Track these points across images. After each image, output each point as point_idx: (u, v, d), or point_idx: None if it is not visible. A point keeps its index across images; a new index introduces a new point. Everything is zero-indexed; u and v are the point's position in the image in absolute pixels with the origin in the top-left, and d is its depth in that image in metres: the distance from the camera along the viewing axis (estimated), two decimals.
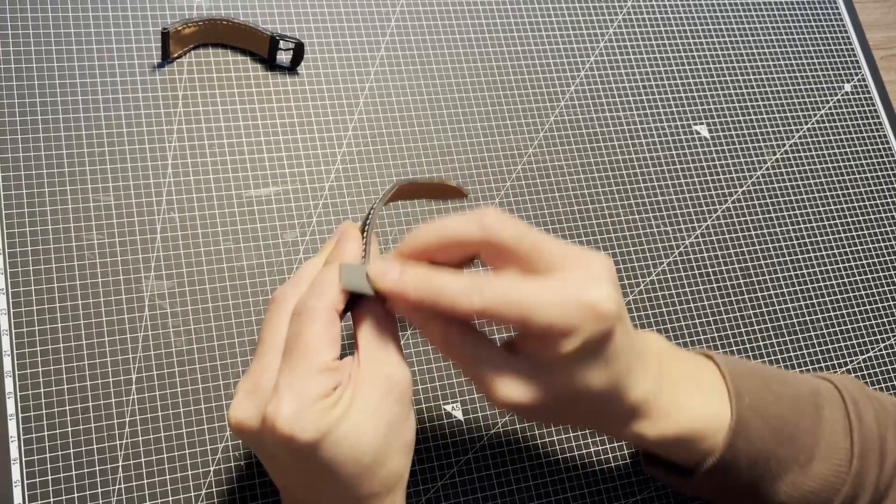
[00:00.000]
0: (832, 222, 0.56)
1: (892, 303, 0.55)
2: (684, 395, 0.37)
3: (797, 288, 0.53)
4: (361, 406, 0.31)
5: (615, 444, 0.46)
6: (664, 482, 0.42)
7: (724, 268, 0.52)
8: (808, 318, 0.53)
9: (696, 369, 0.38)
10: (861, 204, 0.57)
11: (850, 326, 0.53)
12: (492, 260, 0.33)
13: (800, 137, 0.58)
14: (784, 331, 0.52)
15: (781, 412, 0.37)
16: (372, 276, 0.32)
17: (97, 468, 0.39)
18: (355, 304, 0.33)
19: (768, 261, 0.54)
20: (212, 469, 0.40)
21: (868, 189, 0.58)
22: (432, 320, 0.33)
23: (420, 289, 0.31)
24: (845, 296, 0.54)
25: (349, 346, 0.44)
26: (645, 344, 0.36)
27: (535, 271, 0.32)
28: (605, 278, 0.32)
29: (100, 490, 0.39)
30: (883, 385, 0.52)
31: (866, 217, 0.57)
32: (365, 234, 0.34)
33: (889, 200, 0.58)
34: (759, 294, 0.52)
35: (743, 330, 0.51)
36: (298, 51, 0.48)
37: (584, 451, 0.45)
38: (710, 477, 0.37)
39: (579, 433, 0.46)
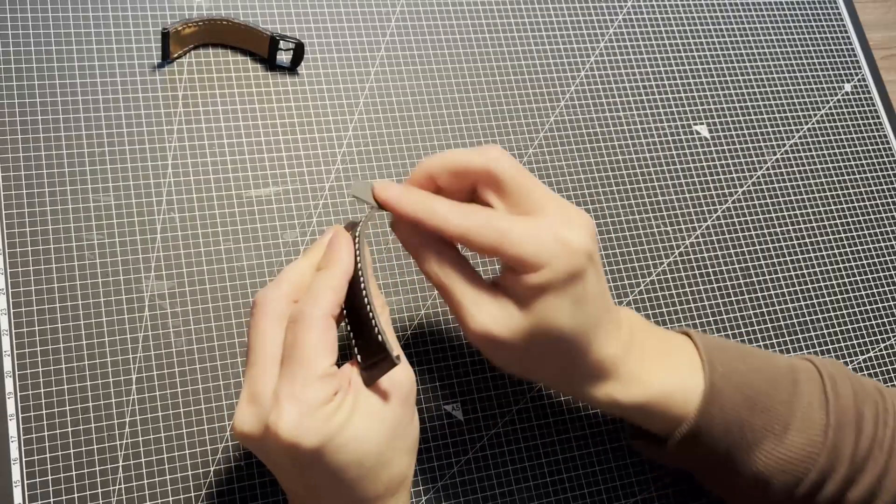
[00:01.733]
0: (832, 222, 0.56)
1: (892, 303, 0.55)
2: (656, 362, 0.38)
3: (797, 288, 0.53)
4: (364, 410, 0.31)
5: (616, 444, 0.46)
6: (646, 455, 0.43)
7: (724, 268, 0.52)
8: (808, 318, 0.53)
9: (670, 341, 0.40)
10: (861, 204, 0.57)
11: (850, 326, 0.53)
12: (486, 192, 0.35)
13: (800, 137, 0.58)
14: (784, 331, 0.52)
15: (755, 382, 0.38)
16: (377, 187, 0.35)
17: (97, 468, 0.39)
18: (355, 301, 0.33)
19: (768, 261, 0.54)
20: (212, 469, 0.40)
21: (868, 189, 0.58)
22: (428, 241, 0.35)
23: (416, 204, 0.34)
24: (845, 296, 0.54)
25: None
26: (618, 313, 0.37)
27: (523, 211, 0.34)
28: (584, 226, 0.34)
29: (100, 490, 0.39)
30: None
31: (866, 217, 0.57)
32: (357, 238, 0.34)
33: (889, 200, 0.58)
34: (759, 294, 0.52)
35: (743, 330, 0.51)
36: (298, 51, 0.48)
37: (584, 452, 0.45)
38: (686, 444, 0.38)
39: (578, 435, 0.46)
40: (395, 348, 0.33)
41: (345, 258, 0.34)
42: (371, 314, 0.32)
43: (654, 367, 0.38)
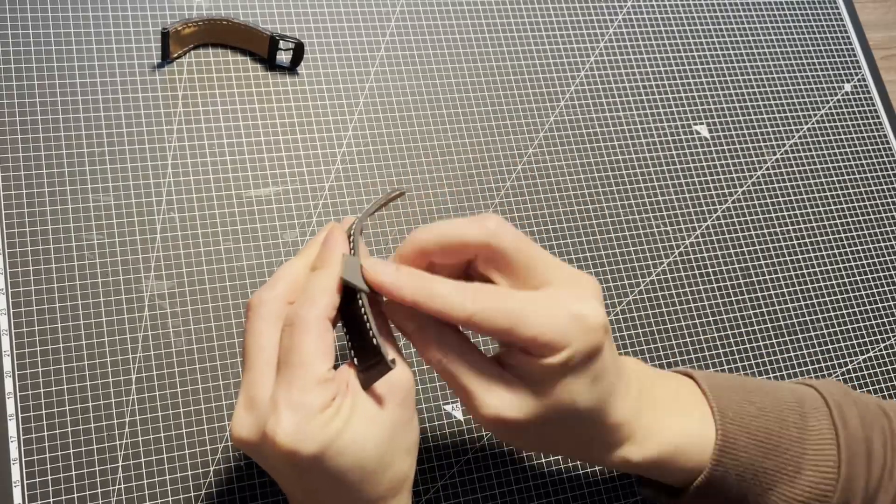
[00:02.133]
0: (832, 222, 0.56)
1: (892, 303, 0.55)
2: (666, 414, 0.37)
3: (797, 288, 0.53)
4: (363, 413, 0.31)
5: None
6: (658, 502, 0.42)
7: (724, 268, 0.52)
8: (808, 318, 0.53)
9: (677, 389, 0.38)
10: (861, 204, 0.57)
11: (850, 326, 0.53)
12: (486, 268, 0.33)
13: (800, 137, 0.58)
14: (784, 331, 0.52)
15: (766, 425, 0.37)
16: (368, 269, 0.32)
17: (97, 468, 0.39)
18: (350, 304, 0.33)
19: (768, 261, 0.54)
20: (212, 469, 0.40)
21: (868, 189, 0.58)
22: (427, 326, 0.33)
23: (415, 287, 0.31)
24: (845, 296, 0.54)
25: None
26: (624, 366, 0.36)
27: (527, 285, 0.32)
28: (595, 297, 0.33)
29: (100, 490, 0.39)
30: (883, 385, 0.52)
31: (866, 217, 0.57)
32: (351, 236, 0.34)
33: (889, 200, 0.58)
34: (759, 294, 0.52)
35: (743, 330, 0.51)
36: (298, 51, 0.48)
37: None
38: (701, 495, 0.37)
39: None
40: (391, 352, 0.32)
41: (339, 257, 0.33)
42: (366, 316, 0.32)
43: (665, 421, 0.37)
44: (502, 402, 0.32)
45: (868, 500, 0.37)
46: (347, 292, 0.33)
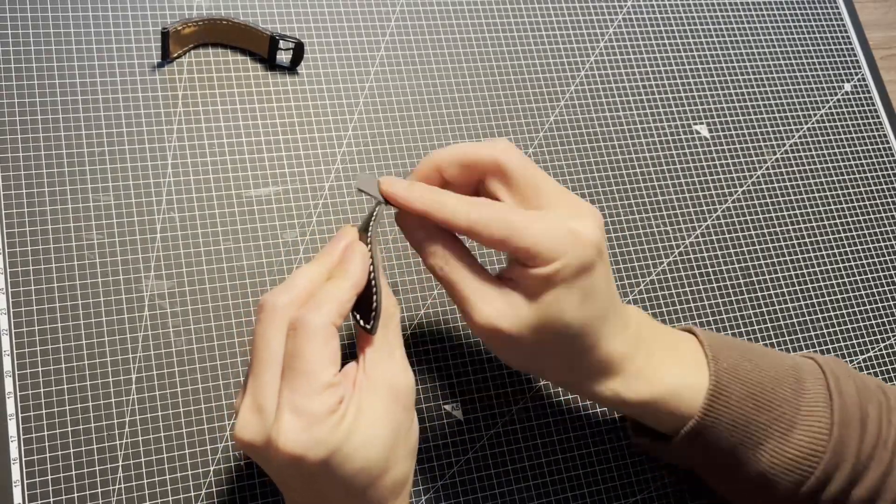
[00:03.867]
0: (832, 222, 0.56)
1: (892, 303, 0.55)
2: (662, 360, 0.38)
3: (797, 288, 0.53)
4: (368, 418, 0.31)
5: (616, 444, 0.46)
6: (650, 453, 0.43)
7: (724, 268, 0.52)
8: (808, 318, 0.53)
9: (676, 339, 0.39)
10: (861, 204, 0.57)
11: (850, 326, 0.53)
12: (494, 186, 0.35)
13: (800, 137, 0.58)
14: (784, 331, 0.52)
15: (760, 379, 0.38)
16: (384, 182, 0.34)
17: (97, 468, 0.39)
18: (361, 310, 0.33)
19: (768, 261, 0.54)
20: (212, 469, 0.40)
21: (868, 189, 0.58)
22: (433, 235, 0.35)
23: (424, 198, 0.34)
24: (845, 296, 0.54)
25: (350, 346, 0.44)
26: (625, 310, 0.37)
27: (531, 205, 0.34)
28: (593, 219, 0.34)
29: (100, 490, 0.39)
30: None
31: (866, 217, 0.57)
32: (369, 241, 0.34)
33: (889, 200, 0.58)
34: (759, 294, 0.52)
35: (743, 330, 0.51)
36: (298, 51, 0.48)
37: (584, 451, 0.45)
38: (692, 440, 0.38)
39: (578, 435, 0.46)
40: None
41: (358, 271, 0.33)
42: (371, 264, 0.33)
43: (661, 365, 0.38)
44: (497, 311, 0.34)
45: (859, 467, 0.38)
46: (364, 292, 0.34)
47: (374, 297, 0.33)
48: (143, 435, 0.40)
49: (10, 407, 0.39)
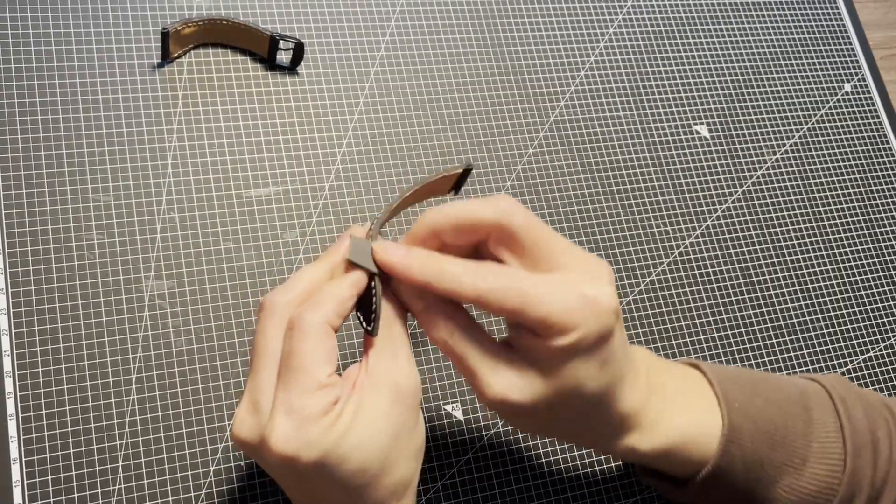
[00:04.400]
0: (832, 222, 0.56)
1: (892, 303, 0.55)
2: (674, 406, 0.37)
3: (797, 288, 0.53)
4: (367, 418, 0.31)
5: None
6: (661, 492, 0.42)
7: (724, 268, 0.52)
8: (808, 318, 0.53)
9: (684, 380, 0.38)
10: (861, 204, 0.57)
11: (850, 326, 0.53)
12: (497, 249, 0.33)
13: (800, 137, 0.58)
14: (784, 331, 0.52)
15: (772, 416, 0.37)
16: (378, 250, 0.32)
17: (97, 468, 0.39)
18: (365, 305, 0.33)
19: (768, 261, 0.54)
20: (212, 469, 0.40)
21: (868, 189, 0.58)
22: (435, 305, 0.32)
23: (425, 266, 0.31)
24: (845, 296, 0.54)
25: (354, 348, 0.44)
26: (634, 357, 0.36)
27: (539, 267, 0.32)
28: (608, 281, 0.32)
29: (100, 490, 0.39)
30: (883, 385, 0.52)
31: (866, 217, 0.57)
32: (370, 233, 0.34)
33: (889, 200, 0.58)
34: (759, 294, 0.52)
35: (743, 330, 0.51)
36: (298, 51, 0.48)
37: (584, 451, 0.45)
38: (707, 485, 0.37)
39: None
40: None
41: (358, 271, 0.33)
42: (374, 299, 0.32)
43: (674, 413, 0.37)
44: (509, 383, 0.32)
45: (874, 494, 0.37)
46: (367, 296, 0.33)
47: (374, 297, 0.33)
48: (143, 435, 0.40)
49: (10, 407, 0.39)
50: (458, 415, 0.44)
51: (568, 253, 0.32)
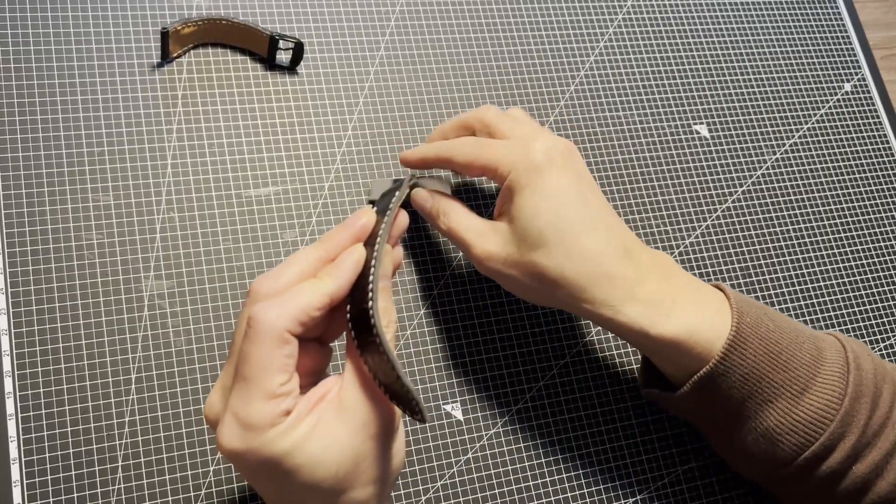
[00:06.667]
0: (832, 222, 0.56)
1: (892, 303, 0.55)
2: (688, 302, 0.39)
3: (797, 288, 0.53)
4: (324, 439, 0.30)
5: (615, 444, 0.46)
6: (659, 404, 0.43)
7: (724, 268, 0.52)
8: (808, 319, 0.53)
9: (703, 287, 0.41)
10: (861, 204, 0.57)
11: (850, 326, 0.53)
12: (480, 133, 0.43)
13: (800, 137, 0.58)
14: None
15: (780, 339, 0.39)
16: (404, 153, 0.45)
17: (97, 468, 0.39)
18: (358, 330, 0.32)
19: (768, 261, 0.54)
20: (212, 469, 0.40)
21: (868, 189, 0.58)
22: (439, 202, 0.43)
23: (428, 149, 0.44)
24: (845, 296, 0.54)
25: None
26: (657, 255, 0.41)
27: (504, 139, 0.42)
28: (549, 140, 0.40)
29: (99, 490, 0.39)
30: None
31: (866, 217, 0.57)
32: (376, 250, 0.33)
33: (889, 200, 0.58)
34: (760, 294, 0.52)
35: None
36: (298, 51, 0.48)
37: (584, 451, 0.45)
38: (702, 386, 0.39)
39: (578, 435, 0.46)
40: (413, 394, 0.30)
41: (342, 280, 0.32)
42: (370, 284, 0.31)
43: (688, 305, 0.39)
44: (489, 241, 0.40)
45: (864, 441, 0.38)
46: (360, 298, 0.32)
47: (371, 301, 0.31)
48: (143, 435, 0.40)
49: (10, 407, 0.39)
50: (458, 415, 0.44)
51: (516, 129, 0.41)
